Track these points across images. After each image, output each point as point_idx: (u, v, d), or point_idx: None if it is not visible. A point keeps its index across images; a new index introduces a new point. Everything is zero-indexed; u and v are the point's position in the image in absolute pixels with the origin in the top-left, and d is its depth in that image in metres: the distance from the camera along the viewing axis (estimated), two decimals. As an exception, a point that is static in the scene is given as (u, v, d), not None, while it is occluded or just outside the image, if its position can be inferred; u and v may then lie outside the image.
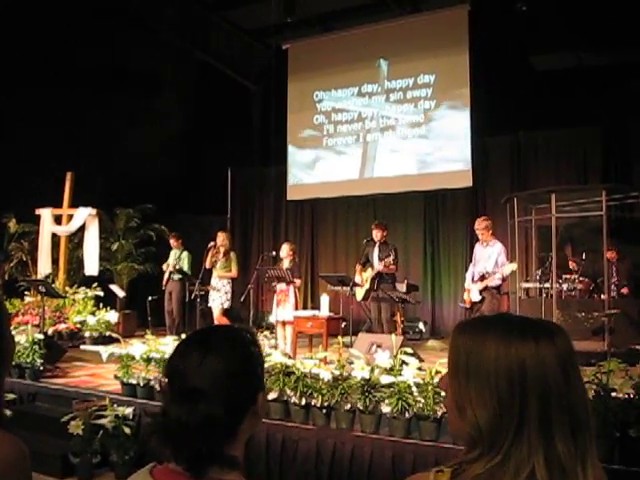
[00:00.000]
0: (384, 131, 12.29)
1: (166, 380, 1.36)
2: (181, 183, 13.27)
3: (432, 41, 11.65)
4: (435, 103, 11.76)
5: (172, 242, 10.44)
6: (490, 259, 7.79)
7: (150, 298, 10.32)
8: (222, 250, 9.28)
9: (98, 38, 11.05)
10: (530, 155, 11.09)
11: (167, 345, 6.03)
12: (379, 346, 6.55)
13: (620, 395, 4.14)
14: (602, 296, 8.55)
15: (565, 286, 8.94)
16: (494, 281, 7.68)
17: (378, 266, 8.58)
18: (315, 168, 13.00)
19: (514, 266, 7.79)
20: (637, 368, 4.44)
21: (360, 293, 8.81)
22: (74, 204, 10.77)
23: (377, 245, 8.83)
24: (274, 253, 9.32)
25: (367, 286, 8.69)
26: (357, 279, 8.82)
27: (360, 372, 4.81)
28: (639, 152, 8.03)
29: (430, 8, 11.79)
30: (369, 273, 8.74)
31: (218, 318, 9.08)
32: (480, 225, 8.04)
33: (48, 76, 10.63)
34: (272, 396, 5.11)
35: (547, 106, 10.13)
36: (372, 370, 4.77)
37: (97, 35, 11.01)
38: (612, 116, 9.84)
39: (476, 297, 7.74)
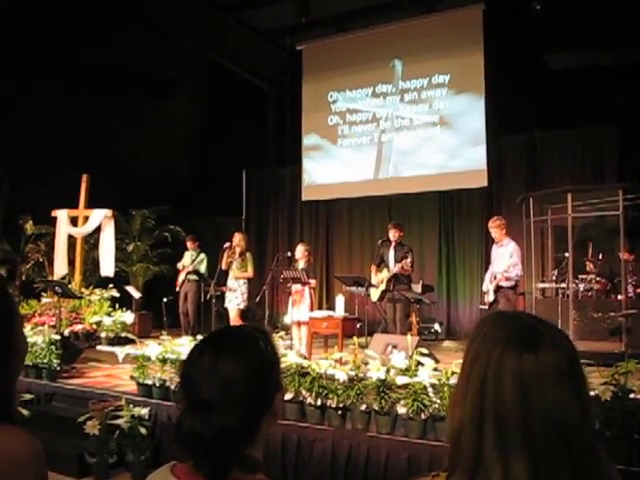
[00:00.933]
0: (399, 131, 12.27)
1: (181, 389, 1.35)
2: (195, 184, 13.31)
3: (446, 41, 11.62)
4: (450, 103, 11.73)
5: (189, 244, 10.50)
6: (503, 258, 7.76)
7: (165, 299, 10.37)
8: (238, 251, 9.29)
9: (115, 41, 11.13)
10: (545, 155, 11.02)
11: (182, 346, 6.05)
12: (395, 347, 6.53)
13: (638, 396, 4.11)
14: (619, 296, 8.47)
15: (582, 286, 8.87)
16: (504, 282, 7.65)
17: (394, 268, 8.57)
18: (330, 169, 13.00)
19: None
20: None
21: (375, 294, 8.79)
22: (90, 205, 10.83)
23: (393, 246, 8.82)
24: (289, 254, 9.32)
25: (383, 287, 8.68)
26: (372, 279, 8.82)
27: (376, 373, 4.81)
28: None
29: (444, 8, 11.76)
30: (385, 274, 8.72)
31: (234, 319, 9.09)
32: (493, 224, 8.01)
33: (65, 79, 10.72)
34: (288, 397, 5.12)
35: (562, 105, 10.07)
36: (388, 371, 4.77)
37: (114, 38, 11.09)
38: (628, 115, 9.75)
39: (491, 297, 7.72)
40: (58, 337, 7.34)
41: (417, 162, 11.95)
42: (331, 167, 13.00)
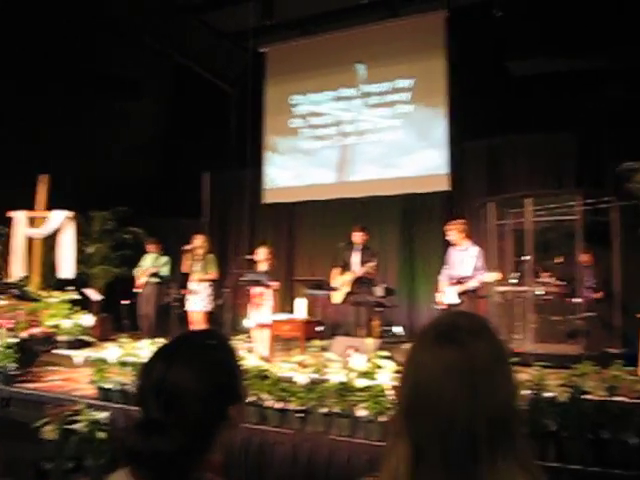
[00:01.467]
0: (361, 135, 12.32)
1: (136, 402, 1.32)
2: (158, 186, 13.21)
3: (410, 46, 11.72)
4: (413, 107, 11.81)
5: (151, 247, 10.40)
6: (466, 262, 7.83)
7: (124, 302, 10.27)
8: (201, 253, 9.25)
9: (74, 40, 10.99)
10: (506, 159, 11.15)
11: (142, 349, 6.01)
12: (356, 350, 6.55)
13: (594, 397, 4.19)
14: (577, 299, 8.63)
15: (540, 290, 9.01)
16: (471, 284, 7.75)
17: (359, 270, 8.62)
18: (292, 172, 13.01)
19: (497, 275, 7.84)
20: (610, 370, 4.49)
21: (338, 296, 8.83)
22: (50, 207, 10.67)
23: (359, 249, 8.89)
24: (251, 256, 9.30)
25: (345, 289, 8.72)
26: (335, 282, 8.84)
27: (336, 376, 4.83)
28: (612, 157, 8.13)
29: (408, 13, 11.84)
30: (348, 276, 8.76)
31: (199, 322, 9.03)
32: (452, 226, 8.08)
33: (22, 78, 10.56)
34: (248, 400, 5.11)
35: (523, 111, 10.21)
36: (348, 374, 4.79)
37: (73, 37, 10.95)
38: (587, 121, 9.94)
39: (453, 299, 7.78)
40: (16, 340, 7.23)
41: (379, 166, 12.00)
42: (293, 170, 13.01)
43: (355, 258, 8.89)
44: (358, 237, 9.01)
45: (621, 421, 3.97)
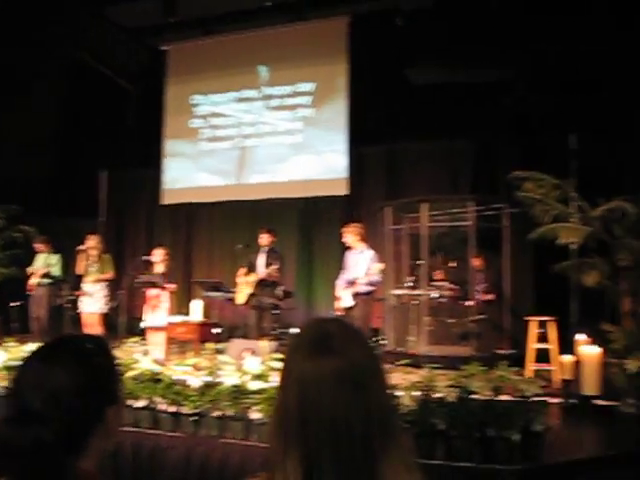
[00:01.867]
0: (262, 137, 12.31)
1: (7, 397, 1.30)
2: (52, 184, 12.74)
3: (312, 50, 11.81)
4: (314, 111, 11.90)
5: (40, 247, 10.03)
6: (360, 265, 7.94)
7: (13, 304, 9.87)
8: (95, 253, 9.01)
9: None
10: (405, 166, 11.39)
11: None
12: (252, 352, 6.54)
13: (480, 397, 4.33)
14: (469, 302, 8.91)
15: (435, 293, 9.25)
16: (364, 287, 7.87)
17: (262, 273, 8.66)
18: (191, 172, 12.86)
19: (381, 266, 7.98)
20: (497, 371, 4.66)
21: (241, 297, 8.87)
22: None
23: (263, 251, 8.91)
24: (147, 258, 9.12)
25: (248, 291, 8.74)
26: (239, 283, 8.91)
27: (230, 378, 4.80)
28: (506, 166, 8.47)
29: (312, 17, 11.92)
30: (252, 278, 8.81)
31: (93, 324, 8.78)
32: (349, 230, 8.21)
33: None
34: (141, 404, 5.00)
35: (422, 118, 10.47)
36: (242, 376, 4.77)
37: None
38: (482, 130, 10.30)
39: (348, 302, 7.89)
40: None
41: (279, 168, 12.04)
42: (192, 171, 12.87)
43: (260, 260, 8.94)
44: (264, 239, 9.05)
45: (505, 419, 4.13)
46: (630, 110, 8.53)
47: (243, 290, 8.97)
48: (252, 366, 4.87)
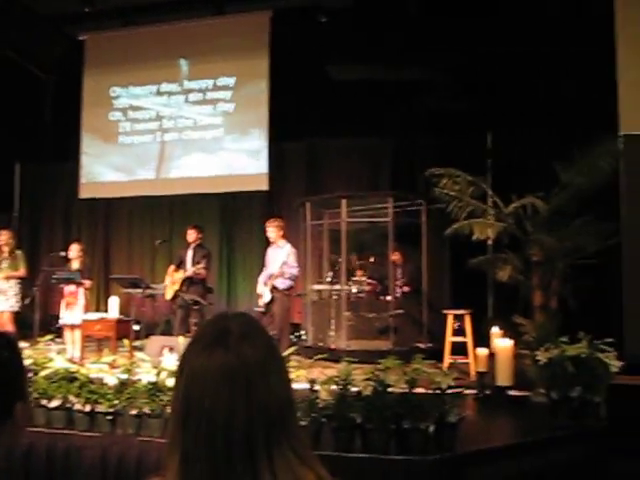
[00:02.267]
0: (182, 131, 12.13)
1: None
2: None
3: (234, 44, 11.69)
4: (234, 106, 11.81)
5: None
6: (279, 261, 8.00)
7: None
8: (7, 249, 8.72)
9: None
10: (325, 161, 11.47)
11: None
12: (170, 349, 6.47)
13: (395, 390, 4.41)
14: (388, 297, 9.05)
15: (354, 288, 9.36)
16: (282, 282, 7.94)
17: (189, 270, 8.65)
18: (110, 166, 12.57)
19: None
20: (413, 364, 4.75)
21: (169, 293, 8.96)
22: None
23: (192, 247, 8.90)
24: (63, 253, 8.88)
25: (176, 287, 8.81)
26: (167, 279, 8.99)
27: (147, 376, 4.74)
28: (424, 163, 8.65)
29: (233, 11, 11.82)
30: (179, 275, 8.91)
31: (5, 323, 8.48)
32: (271, 224, 8.28)
33: None
34: (54, 404, 4.89)
35: (342, 115, 10.56)
36: (158, 373, 4.71)
37: None
38: (402, 128, 10.46)
39: (267, 297, 7.94)
40: None
41: (200, 163, 11.89)
42: (111, 165, 12.57)
43: (189, 257, 8.98)
44: (191, 236, 9.09)
45: (420, 411, 4.22)
46: (543, 108, 8.83)
47: (171, 287, 8.97)
48: (170, 363, 4.81)
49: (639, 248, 6.94)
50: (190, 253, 8.98)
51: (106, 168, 12.61)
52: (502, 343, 5.87)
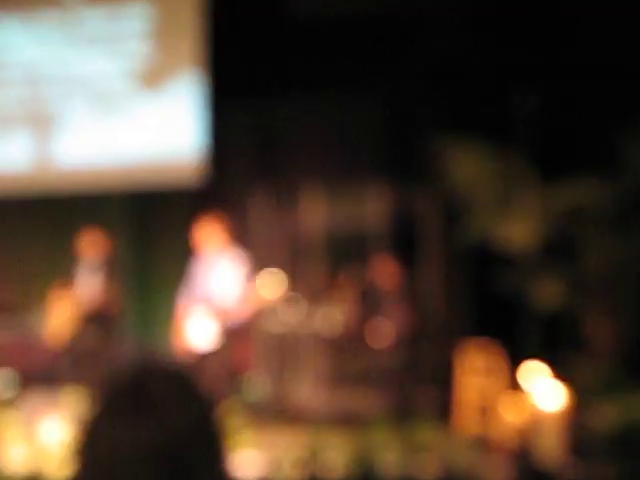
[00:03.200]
0: (70, 98, 11.68)
1: None
2: None
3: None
4: (148, 48, 11.49)
5: None
6: (217, 276, 8.01)
7: None
8: None
9: None
10: (283, 135, 11.26)
11: None
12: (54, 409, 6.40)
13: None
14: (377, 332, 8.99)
15: (326, 323, 9.35)
16: (238, 317, 7.96)
17: (87, 298, 9.05)
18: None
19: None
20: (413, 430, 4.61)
21: (54, 330, 9.13)
22: None
23: (91, 265, 9.24)
24: None
25: (64, 322, 9.04)
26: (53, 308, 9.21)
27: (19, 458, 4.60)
28: (426, 133, 8.70)
29: None
30: (71, 303, 9.11)
31: None
32: (206, 226, 8.24)
33: None
34: None
35: (310, 67, 10.40)
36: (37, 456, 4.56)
37: None
38: (391, 83, 10.47)
39: (204, 341, 7.93)
40: None
41: (98, 147, 11.50)
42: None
43: (85, 278, 9.25)
44: (89, 247, 9.36)
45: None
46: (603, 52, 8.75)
47: (57, 320, 9.01)
48: (52, 435, 4.58)
49: None
50: (89, 273, 9.06)
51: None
52: (552, 394, 5.79)
